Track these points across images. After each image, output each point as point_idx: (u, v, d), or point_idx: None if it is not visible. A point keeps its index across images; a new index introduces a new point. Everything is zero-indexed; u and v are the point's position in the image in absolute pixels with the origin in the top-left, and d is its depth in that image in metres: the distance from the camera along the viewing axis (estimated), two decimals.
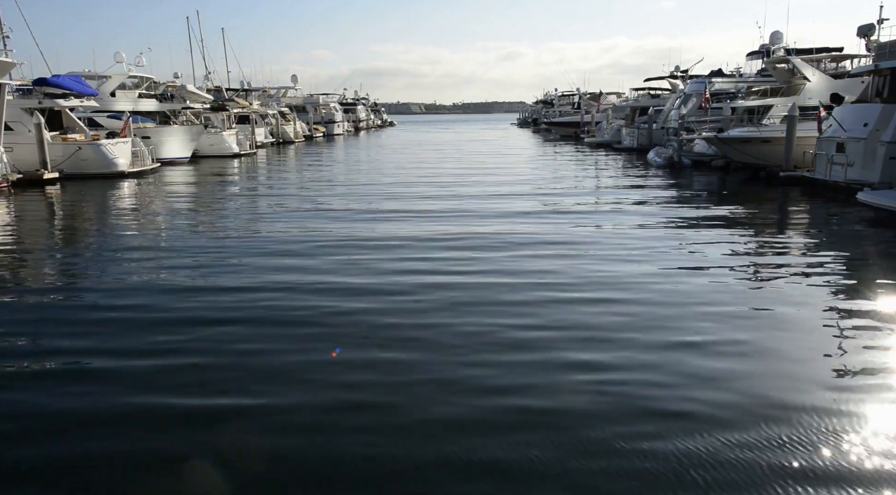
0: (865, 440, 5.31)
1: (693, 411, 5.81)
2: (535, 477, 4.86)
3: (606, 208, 18.47)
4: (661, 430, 5.46)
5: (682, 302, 9.14)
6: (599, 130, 53.31)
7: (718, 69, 42.20)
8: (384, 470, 5.01)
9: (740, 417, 5.68)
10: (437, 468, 5.02)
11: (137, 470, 5.07)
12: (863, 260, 12.53)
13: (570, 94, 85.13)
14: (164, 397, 6.29)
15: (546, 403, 6.02)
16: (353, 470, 5.01)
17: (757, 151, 25.77)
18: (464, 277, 10.50)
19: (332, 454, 5.24)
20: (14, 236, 15.41)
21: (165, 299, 9.50)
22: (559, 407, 5.93)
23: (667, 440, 5.30)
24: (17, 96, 27.86)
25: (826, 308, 8.96)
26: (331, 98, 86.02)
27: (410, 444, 5.36)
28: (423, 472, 4.98)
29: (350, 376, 6.71)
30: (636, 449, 5.18)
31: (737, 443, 5.23)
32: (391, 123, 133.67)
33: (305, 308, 8.98)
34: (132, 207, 20.16)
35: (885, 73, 20.22)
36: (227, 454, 5.24)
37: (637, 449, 5.17)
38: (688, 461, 5.00)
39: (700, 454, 5.09)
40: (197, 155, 38.36)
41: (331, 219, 16.71)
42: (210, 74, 53.47)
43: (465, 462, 5.07)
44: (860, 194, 16.70)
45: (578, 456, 5.11)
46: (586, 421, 5.64)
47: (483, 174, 28.83)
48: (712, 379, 6.53)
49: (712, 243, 13.32)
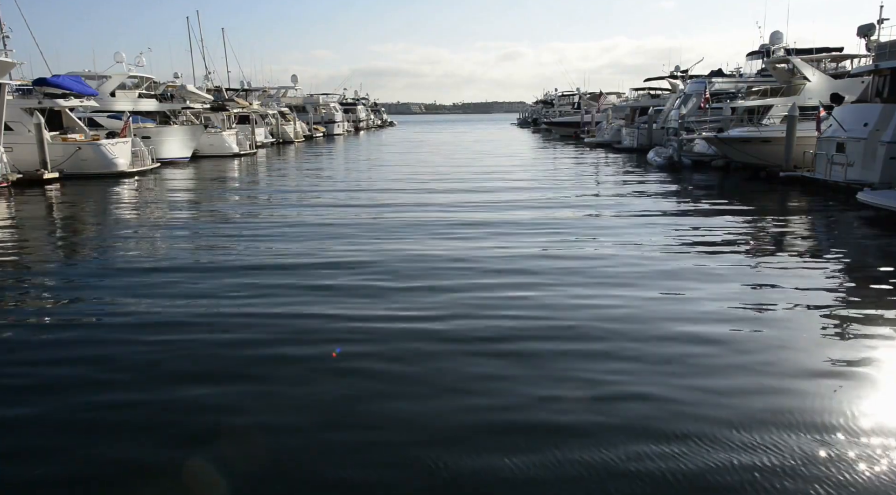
0: (865, 440, 5.31)
1: (694, 409, 5.81)
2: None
3: (606, 208, 18.46)
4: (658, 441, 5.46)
5: (681, 301, 9.13)
6: (599, 130, 53.28)
7: (718, 69, 42.22)
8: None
9: (739, 417, 5.67)
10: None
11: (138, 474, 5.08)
12: (862, 260, 12.52)
13: (570, 94, 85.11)
14: (165, 398, 6.29)
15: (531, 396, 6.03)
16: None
17: (757, 151, 25.77)
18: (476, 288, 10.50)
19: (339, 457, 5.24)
20: (14, 236, 15.40)
21: (166, 299, 9.51)
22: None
23: (667, 458, 5.30)
24: (17, 96, 27.86)
25: (826, 308, 8.94)
26: (331, 98, 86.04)
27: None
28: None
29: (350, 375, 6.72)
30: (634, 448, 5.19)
31: (735, 445, 5.24)
32: (391, 123, 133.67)
33: (306, 307, 8.98)
34: (132, 207, 20.14)
35: (885, 73, 20.22)
36: (228, 453, 5.25)
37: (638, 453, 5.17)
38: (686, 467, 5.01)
39: (700, 455, 5.10)
40: (197, 155, 38.35)
41: (333, 220, 16.72)
42: (210, 74, 53.53)
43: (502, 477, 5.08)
44: (860, 194, 16.70)
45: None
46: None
47: (483, 174, 28.82)
48: (711, 378, 6.53)
49: (712, 243, 13.31)
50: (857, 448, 5.18)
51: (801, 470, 4.88)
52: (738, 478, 4.78)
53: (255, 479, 4.93)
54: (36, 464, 5.14)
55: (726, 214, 17.15)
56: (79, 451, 5.35)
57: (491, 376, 6.66)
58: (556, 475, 4.86)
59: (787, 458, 5.03)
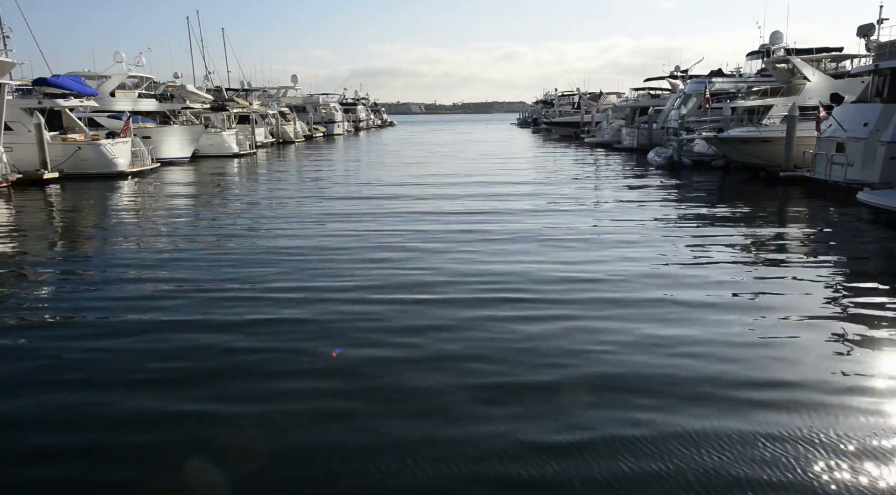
0: (866, 440, 5.31)
1: (693, 410, 5.82)
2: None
3: (606, 208, 18.47)
4: (652, 423, 5.46)
5: (681, 300, 9.13)
6: (599, 130, 53.27)
7: (718, 69, 42.21)
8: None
9: (737, 417, 5.67)
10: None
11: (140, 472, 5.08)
12: (862, 260, 12.53)
13: (569, 94, 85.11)
14: (168, 399, 6.30)
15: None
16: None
17: (757, 151, 25.77)
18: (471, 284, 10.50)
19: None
20: (14, 236, 15.39)
21: (165, 300, 9.52)
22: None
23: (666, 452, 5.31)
24: (17, 96, 27.88)
25: (826, 308, 8.94)
26: (331, 98, 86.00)
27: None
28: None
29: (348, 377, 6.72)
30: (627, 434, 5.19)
31: (733, 444, 5.24)
32: (391, 123, 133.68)
33: (307, 310, 8.99)
34: (132, 207, 20.14)
35: (885, 73, 20.22)
36: (228, 454, 5.25)
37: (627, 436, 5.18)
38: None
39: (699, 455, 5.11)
40: (197, 155, 38.34)
41: (336, 220, 16.71)
42: (210, 74, 53.56)
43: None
44: (860, 194, 16.69)
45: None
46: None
47: (484, 176, 28.82)
48: (711, 375, 6.54)
49: (712, 243, 13.30)
50: (857, 448, 5.18)
51: (802, 468, 4.88)
52: (735, 478, 4.78)
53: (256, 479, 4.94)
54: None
55: (726, 214, 17.15)
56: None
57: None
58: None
59: (785, 457, 5.03)
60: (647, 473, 4.86)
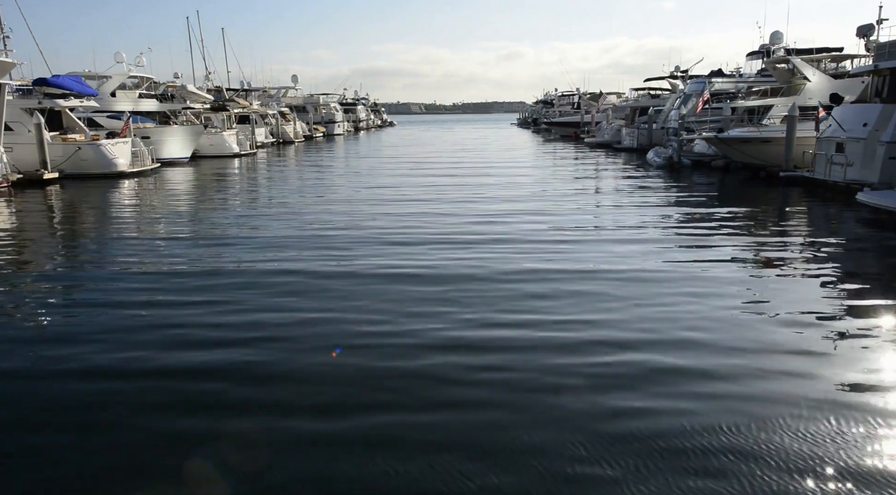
0: (866, 439, 5.32)
1: (693, 409, 5.83)
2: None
3: (605, 207, 18.48)
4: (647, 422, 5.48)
5: (680, 300, 9.14)
6: (599, 130, 53.27)
7: (718, 69, 42.29)
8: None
9: (737, 417, 5.69)
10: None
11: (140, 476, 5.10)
12: (862, 259, 12.54)
13: (570, 94, 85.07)
14: (169, 400, 6.31)
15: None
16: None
17: (757, 151, 25.78)
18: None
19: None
20: (14, 236, 15.40)
21: (164, 300, 9.53)
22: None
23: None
24: (17, 96, 27.86)
25: (825, 308, 8.96)
26: (331, 98, 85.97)
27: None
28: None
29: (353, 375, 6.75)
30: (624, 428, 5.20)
31: (732, 445, 5.26)
32: (391, 123, 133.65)
33: (308, 311, 9.01)
34: (132, 208, 20.14)
35: (885, 73, 20.23)
36: (228, 453, 5.27)
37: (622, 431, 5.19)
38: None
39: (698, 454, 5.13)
40: (197, 155, 38.36)
41: (335, 223, 16.73)
42: (210, 74, 53.50)
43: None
44: (860, 194, 16.71)
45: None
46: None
47: (485, 176, 28.85)
48: (710, 375, 6.55)
49: (711, 244, 13.32)
50: (857, 448, 5.19)
51: (801, 470, 4.90)
52: (732, 473, 4.80)
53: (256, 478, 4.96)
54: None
55: (726, 215, 17.15)
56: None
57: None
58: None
59: (783, 458, 5.05)
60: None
